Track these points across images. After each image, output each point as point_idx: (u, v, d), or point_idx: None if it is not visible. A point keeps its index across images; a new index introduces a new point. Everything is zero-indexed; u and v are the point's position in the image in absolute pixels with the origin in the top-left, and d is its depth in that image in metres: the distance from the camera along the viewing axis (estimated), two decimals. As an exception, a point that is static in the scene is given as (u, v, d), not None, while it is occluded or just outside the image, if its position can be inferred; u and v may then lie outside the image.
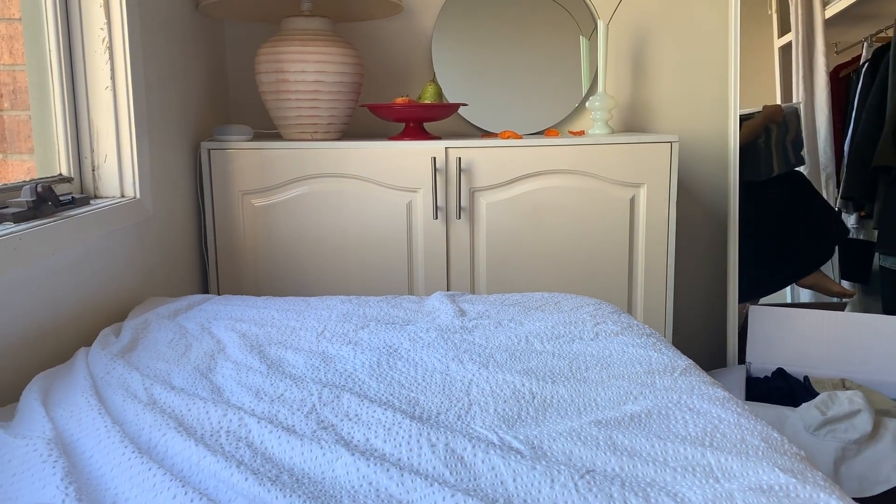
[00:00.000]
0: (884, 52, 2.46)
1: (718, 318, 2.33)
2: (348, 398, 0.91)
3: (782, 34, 2.53)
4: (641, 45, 2.26)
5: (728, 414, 0.87)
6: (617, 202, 1.89)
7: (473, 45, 2.22)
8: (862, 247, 2.55)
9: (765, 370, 2.06)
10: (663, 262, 1.92)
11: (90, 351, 1.09)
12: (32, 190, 1.19)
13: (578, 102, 2.24)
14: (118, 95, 1.46)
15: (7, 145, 1.49)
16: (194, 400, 0.90)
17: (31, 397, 0.89)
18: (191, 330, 1.22)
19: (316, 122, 1.89)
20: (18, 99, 1.48)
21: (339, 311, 1.34)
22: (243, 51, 2.21)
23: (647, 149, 1.88)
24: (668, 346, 1.14)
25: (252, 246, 1.86)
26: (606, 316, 1.28)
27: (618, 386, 0.96)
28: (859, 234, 2.59)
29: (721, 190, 2.31)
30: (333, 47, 1.85)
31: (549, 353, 1.09)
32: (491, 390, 0.95)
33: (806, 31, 2.53)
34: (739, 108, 2.21)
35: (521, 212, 1.88)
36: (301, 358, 1.09)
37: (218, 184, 1.83)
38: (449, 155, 1.85)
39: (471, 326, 1.24)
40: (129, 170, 1.49)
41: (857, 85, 2.55)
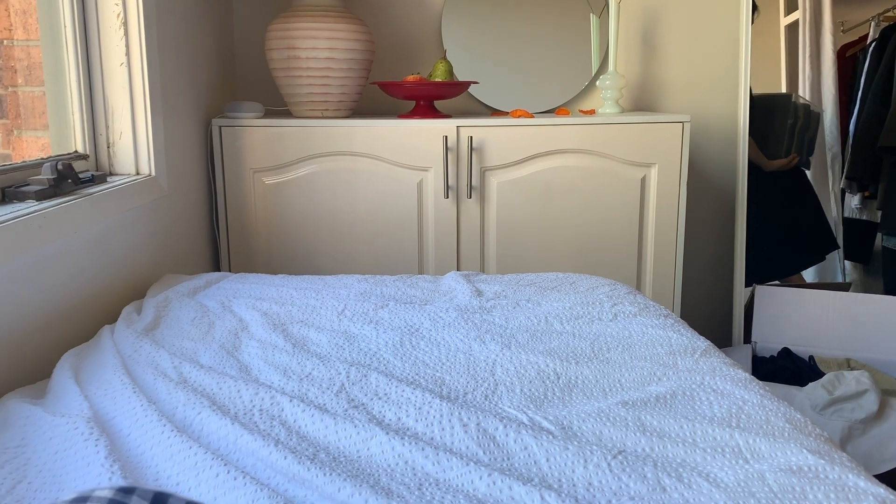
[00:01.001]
0: (891, 31, 2.46)
1: (725, 297, 2.35)
2: (376, 377, 0.93)
3: (789, 12, 2.52)
4: (652, 24, 2.25)
5: (751, 395, 0.89)
6: (628, 182, 1.90)
7: (483, 23, 2.20)
8: (864, 227, 2.57)
9: (770, 350, 2.08)
10: (672, 242, 1.93)
11: (115, 329, 1.09)
12: (53, 167, 1.18)
13: (588, 81, 2.23)
14: (133, 72, 1.45)
15: (22, 121, 1.48)
16: (224, 378, 0.91)
17: (63, 375, 0.90)
18: (212, 308, 1.23)
19: (327, 100, 1.89)
20: (33, 75, 1.47)
21: (356, 290, 1.35)
22: (252, 26, 2.19)
23: (658, 129, 1.88)
24: (686, 327, 1.15)
25: (263, 223, 1.87)
26: (623, 297, 1.29)
27: (641, 367, 0.98)
28: (862, 214, 2.60)
29: (730, 169, 2.31)
30: (345, 23, 1.84)
31: (569, 334, 1.11)
32: (515, 371, 0.97)
33: (813, 10, 2.52)
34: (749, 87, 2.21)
35: (531, 191, 1.89)
36: (325, 337, 1.10)
37: (229, 161, 1.83)
38: (460, 134, 1.85)
39: (489, 306, 1.25)
40: (144, 147, 1.48)
41: (864, 64, 2.55)
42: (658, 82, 2.28)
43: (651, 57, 2.27)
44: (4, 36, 1.46)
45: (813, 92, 2.51)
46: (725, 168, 2.32)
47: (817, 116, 2.47)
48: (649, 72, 2.27)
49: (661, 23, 2.25)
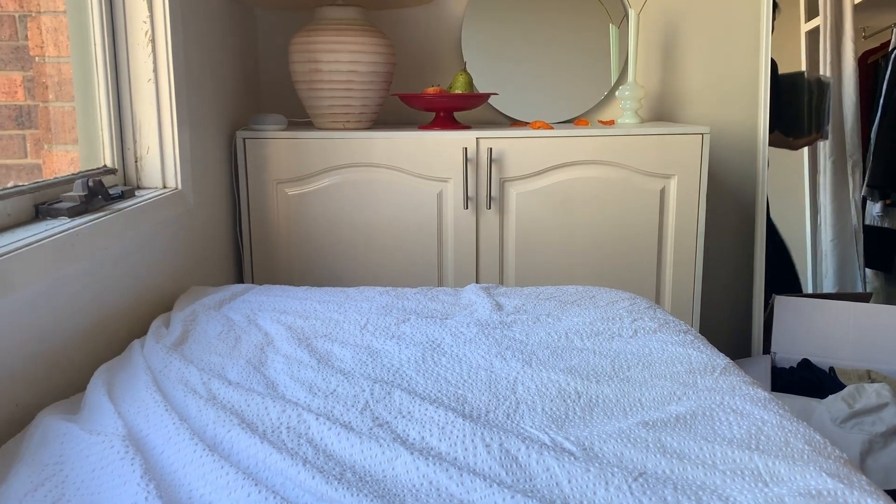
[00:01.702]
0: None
1: (744, 307, 2.35)
2: (399, 395, 0.94)
3: (809, 18, 2.51)
4: (671, 34, 2.26)
5: (770, 416, 0.90)
6: (647, 193, 1.91)
7: (503, 34, 2.22)
8: (886, 235, 2.55)
9: (790, 360, 2.08)
10: (692, 253, 1.93)
11: (145, 344, 1.12)
12: (84, 184, 1.22)
13: (607, 91, 2.24)
14: (160, 87, 1.49)
15: (52, 136, 1.52)
16: (252, 395, 0.93)
17: (97, 392, 0.92)
18: (238, 322, 1.25)
19: (348, 112, 1.91)
20: (63, 91, 1.50)
21: (378, 304, 1.37)
22: (275, 39, 2.22)
23: (678, 140, 1.89)
24: (705, 344, 1.16)
25: (285, 234, 1.89)
26: (643, 311, 1.30)
27: (661, 386, 0.99)
28: (884, 222, 2.59)
29: (749, 179, 2.31)
30: (367, 37, 1.86)
31: (589, 351, 1.12)
32: (537, 389, 0.98)
33: (834, 16, 2.51)
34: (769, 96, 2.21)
35: (550, 202, 1.90)
36: (348, 352, 1.12)
37: (253, 173, 1.86)
38: (480, 145, 1.87)
39: (509, 321, 1.26)
40: (171, 161, 1.51)
41: (886, 71, 2.53)
42: (677, 92, 2.28)
43: (670, 67, 2.27)
44: (36, 53, 1.50)
45: (834, 99, 2.50)
46: (745, 178, 2.32)
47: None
48: (668, 82, 2.28)
49: (680, 33, 2.25)
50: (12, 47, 1.49)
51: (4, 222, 1.10)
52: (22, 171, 1.54)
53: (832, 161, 2.52)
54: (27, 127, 1.52)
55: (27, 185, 1.18)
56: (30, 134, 1.53)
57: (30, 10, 1.48)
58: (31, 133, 1.53)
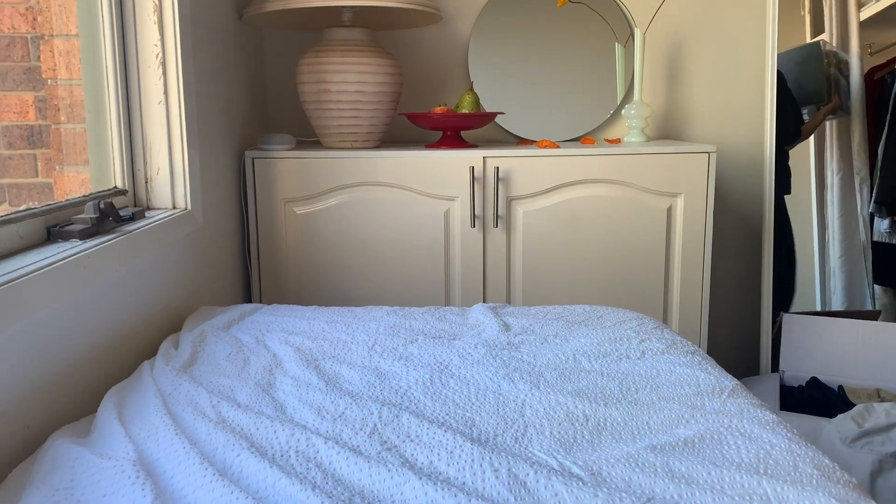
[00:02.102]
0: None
1: (752, 325, 2.34)
2: (408, 418, 0.95)
3: (815, 35, 2.52)
4: (677, 53, 2.27)
5: (779, 439, 0.90)
6: (654, 212, 1.91)
7: (509, 53, 2.24)
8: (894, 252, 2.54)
9: (799, 379, 2.07)
10: (699, 271, 1.93)
11: (154, 365, 1.13)
12: (95, 206, 1.23)
13: (614, 110, 2.25)
14: (170, 109, 1.50)
15: (63, 157, 1.54)
16: (261, 418, 0.93)
17: (108, 415, 0.93)
18: (246, 343, 1.26)
19: (356, 131, 1.93)
20: (75, 112, 1.52)
21: (386, 324, 1.37)
22: (283, 59, 2.24)
23: (684, 159, 1.89)
24: (713, 365, 1.16)
25: (294, 253, 1.90)
26: (650, 332, 1.30)
27: (668, 408, 0.99)
28: (892, 238, 2.58)
29: (756, 197, 2.32)
30: (374, 57, 1.88)
31: (597, 373, 1.12)
32: (545, 412, 0.98)
33: (840, 32, 2.51)
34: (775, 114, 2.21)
35: (557, 220, 1.91)
36: (356, 374, 1.12)
37: (261, 192, 1.87)
38: (487, 164, 1.88)
39: (517, 342, 1.27)
40: (181, 182, 1.53)
41: (893, 87, 2.53)
42: (683, 111, 2.29)
43: (676, 85, 2.28)
44: (49, 76, 1.52)
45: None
46: (751, 196, 2.33)
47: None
48: (674, 100, 2.29)
49: (685, 51, 2.27)
50: (24, 68, 1.52)
51: (17, 245, 1.11)
52: (33, 190, 1.56)
53: (839, 177, 2.52)
54: (38, 146, 1.54)
55: (39, 208, 1.20)
56: (41, 153, 1.55)
57: (43, 33, 1.51)
58: (41, 152, 1.55)
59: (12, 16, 1.50)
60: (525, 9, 2.22)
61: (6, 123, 1.52)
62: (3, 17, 1.50)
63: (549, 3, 2.18)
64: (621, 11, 2.21)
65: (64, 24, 1.49)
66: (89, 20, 1.46)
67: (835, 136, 2.51)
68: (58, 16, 1.50)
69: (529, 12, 2.22)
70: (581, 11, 2.20)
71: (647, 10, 2.20)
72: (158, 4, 1.46)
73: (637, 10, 2.21)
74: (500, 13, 2.22)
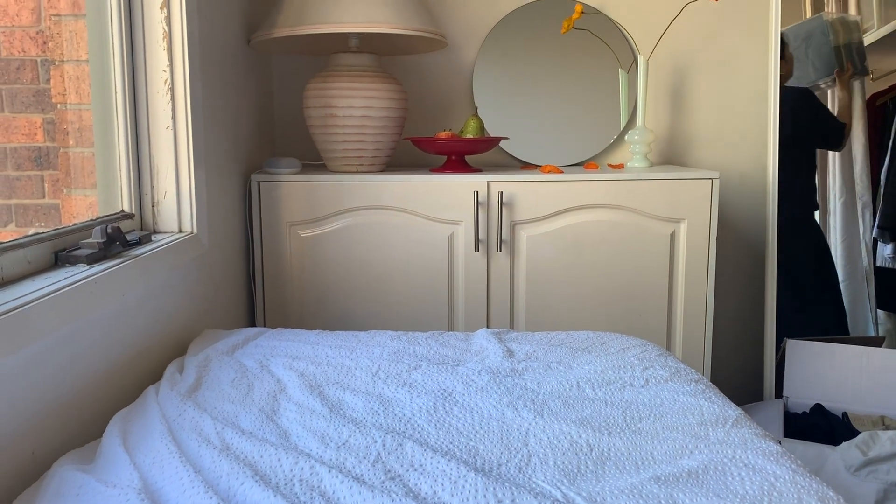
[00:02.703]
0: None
1: (756, 351, 2.34)
2: (411, 446, 0.95)
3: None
4: (680, 79, 2.29)
5: (783, 471, 0.90)
6: (657, 237, 1.92)
7: (514, 79, 2.26)
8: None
9: (802, 405, 2.06)
10: (703, 296, 1.94)
11: (159, 391, 1.13)
12: (103, 231, 1.24)
13: (617, 135, 2.27)
14: (178, 134, 1.52)
15: (71, 180, 1.55)
16: (265, 445, 0.94)
17: (112, 441, 0.93)
18: (250, 368, 1.26)
19: (361, 155, 1.94)
20: (83, 136, 1.54)
21: (389, 349, 1.38)
22: (290, 84, 2.26)
23: (687, 184, 1.90)
24: (717, 394, 1.16)
25: (298, 276, 1.91)
26: (654, 359, 1.30)
27: (672, 438, 0.99)
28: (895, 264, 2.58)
29: (759, 223, 2.32)
30: (380, 83, 1.90)
31: (601, 401, 1.12)
32: (549, 441, 0.98)
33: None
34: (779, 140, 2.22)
35: (561, 245, 1.91)
36: (360, 401, 1.12)
37: (267, 215, 1.89)
38: (491, 188, 1.89)
39: (520, 369, 1.27)
40: (187, 205, 1.54)
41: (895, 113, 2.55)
42: (687, 136, 2.31)
43: (679, 111, 2.30)
44: (59, 100, 1.54)
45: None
46: (755, 221, 2.33)
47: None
48: (678, 126, 2.30)
49: (689, 78, 2.29)
50: (33, 91, 1.54)
51: (25, 269, 1.12)
52: (39, 211, 1.58)
53: (842, 202, 2.52)
54: (45, 168, 1.56)
55: (47, 233, 1.21)
56: (48, 175, 1.57)
57: (54, 58, 1.53)
58: (49, 174, 1.57)
59: (23, 39, 1.53)
60: (529, 35, 2.24)
61: (14, 145, 1.54)
62: (13, 40, 1.53)
63: (553, 30, 2.21)
64: (625, 38, 2.24)
65: (74, 49, 1.51)
66: (100, 46, 1.48)
67: (837, 161, 2.52)
68: (69, 42, 1.52)
69: (534, 38, 2.24)
70: (585, 38, 2.22)
71: (650, 37, 2.22)
72: (168, 31, 1.48)
73: (640, 36, 2.23)
74: (505, 39, 2.24)
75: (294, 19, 1.80)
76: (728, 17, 2.26)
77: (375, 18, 1.79)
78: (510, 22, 2.24)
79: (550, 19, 2.21)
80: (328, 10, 1.79)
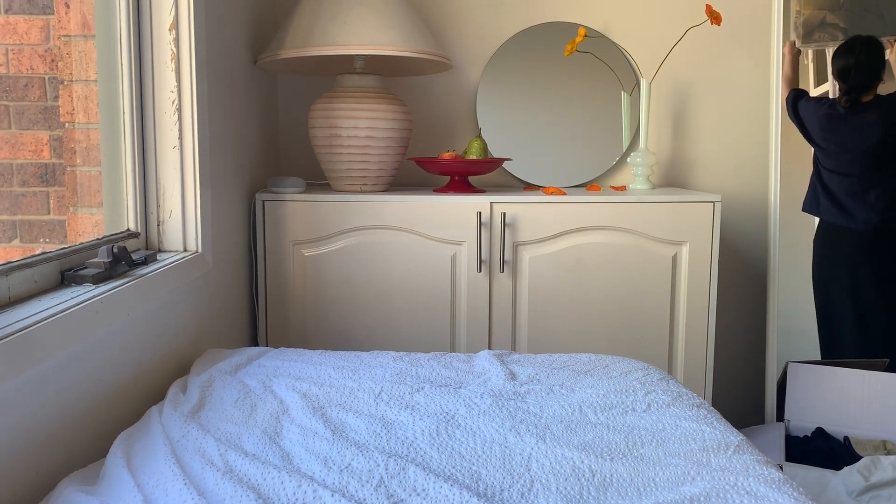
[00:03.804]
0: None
1: (757, 373, 2.34)
2: (414, 471, 0.95)
3: (818, 84, 2.55)
4: (682, 102, 2.30)
5: (785, 498, 0.90)
6: (659, 259, 1.92)
7: (517, 101, 2.28)
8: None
9: (804, 429, 2.06)
10: (704, 319, 1.94)
11: (163, 411, 1.14)
12: (109, 251, 1.25)
13: (619, 157, 2.28)
14: (185, 154, 1.53)
15: (78, 199, 1.57)
16: (268, 468, 0.94)
17: (116, 463, 0.94)
18: (253, 388, 1.27)
19: (365, 175, 1.95)
20: (90, 156, 1.55)
21: (392, 371, 1.38)
22: (295, 103, 2.28)
23: (689, 207, 1.91)
24: (719, 420, 1.16)
25: (301, 294, 1.92)
26: (656, 384, 1.31)
27: (674, 465, 0.99)
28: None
29: (760, 246, 2.33)
30: (385, 104, 1.91)
31: (603, 426, 1.12)
32: (551, 466, 0.99)
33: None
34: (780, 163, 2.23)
35: (563, 266, 1.92)
36: (363, 423, 1.13)
37: (271, 234, 1.90)
38: (494, 209, 1.90)
39: (523, 392, 1.27)
40: (193, 225, 1.55)
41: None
42: (688, 158, 2.32)
43: (681, 134, 2.31)
44: (67, 119, 1.55)
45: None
46: (756, 243, 2.34)
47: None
48: (680, 148, 2.32)
49: (691, 101, 2.30)
50: (41, 108, 1.55)
51: (31, 289, 1.13)
52: (44, 227, 1.58)
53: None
54: (51, 184, 1.57)
55: (53, 252, 1.22)
56: (53, 191, 1.58)
57: (63, 78, 1.54)
58: (54, 190, 1.58)
59: (31, 57, 1.54)
60: (533, 58, 2.26)
61: (21, 161, 1.55)
62: (22, 58, 1.54)
63: (556, 52, 2.23)
64: (627, 61, 2.26)
65: (83, 70, 1.53)
66: (108, 67, 1.50)
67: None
68: (78, 62, 1.54)
69: (537, 61, 2.26)
70: (588, 61, 2.24)
71: (653, 60, 2.24)
72: (176, 53, 1.50)
73: (643, 59, 2.25)
74: (509, 62, 2.26)
75: (301, 40, 1.82)
76: (730, 41, 2.29)
77: (381, 41, 1.81)
78: (514, 44, 2.26)
79: (554, 42, 2.24)
80: (335, 32, 1.81)
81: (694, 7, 2.24)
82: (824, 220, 2.26)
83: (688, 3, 2.25)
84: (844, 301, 2.24)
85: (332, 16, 1.82)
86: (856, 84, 2.16)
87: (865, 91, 2.17)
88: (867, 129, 2.16)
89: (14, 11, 1.52)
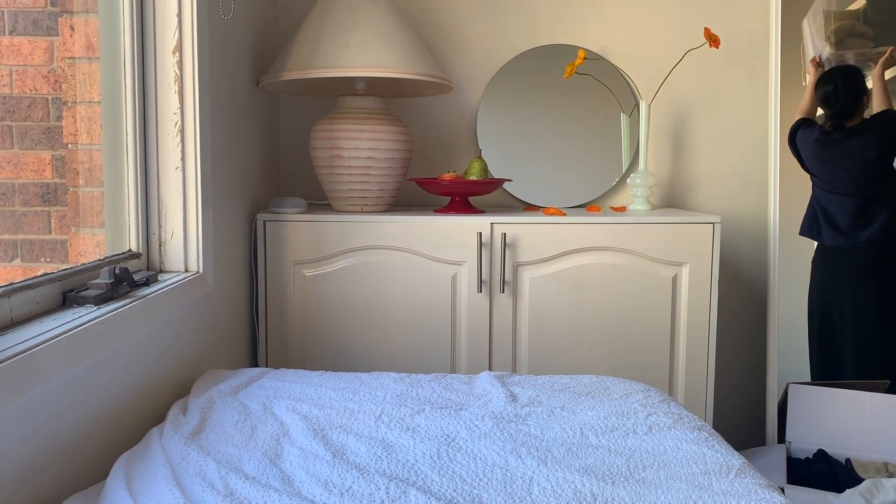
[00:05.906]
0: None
1: (758, 395, 2.33)
2: (415, 494, 0.95)
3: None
4: (681, 123, 2.32)
5: (787, 524, 0.89)
6: (659, 280, 1.93)
7: (517, 122, 2.29)
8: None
9: (805, 451, 2.05)
10: (705, 340, 1.94)
11: (163, 433, 1.13)
12: (111, 272, 1.25)
13: (619, 178, 2.29)
14: (187, 175, 1.54)
15: (80, 219, 1.57)
16: (269, 491, 0.93)
17: (117, 486, 0.93)
18: (254, 410, 1.26)
19: (366, 196, 1.96)
20: (93, 176, 1.56)
21: (393, 392, 1.38)
22: (296, 124, 2.30)
23: (689, 228, 1.92)
24: (720, 442, 1.16)
25: (301, 314, 1.92)
26: (657, 406, 1.30)
27: (676, 488, 0.99)
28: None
29: (760, 267, 2.34)
30: (386, 125, 1.93)
31: (604, 449, 1.12)
32: (552, 490, 0.98)
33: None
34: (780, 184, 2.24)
35: (563, 287, 1.92)
36: (363, 445, 1.12)
37: (271, 254, 1.90)
38: (494, 230, 1.91)
39: (524, 414, 1.27)
40: (194, 245, 1.55)
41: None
42: (688, 179, 2.33)
43: (681, 155, 2.33)
44: (70, 140, 1.56)
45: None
46: (756, 264, 2.35)
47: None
48: (679, 169, 2.33)
49: (690, 122, 2.32)
50: (43, 128, 1.56)
51: (33, 310, 1.13)
52: (45, 247, 1.59)
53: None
54: (53, 204, 1.58)
55: (55, 273, 1.22)
56: (54, 211, 1.58)
57: (67, 99, 1.55)
58: (55, 210, 1.58)
59: (35, 77, 1.56)
60: (533, 79, 2.28)
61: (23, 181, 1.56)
62: (25, 78, 1.56)
63: (556, 74, 2.24)
64: (627, 83, 2.27)
65: (87, 91, 1.54)
66: (112, 88, 1.51)
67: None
68: (82, 83, 1.55)
69: (537, 83, 2.28)
70: (588, 83, 2.26)
71: (652, 82, 2.26)
72: (180, 75, 1.51)
73: (642, 81, 2.27)
74: (509, 83, 2.28)
75: (303, 62, 1.84)
76: (729, 63, 2.31)
77: (382, 63, 1.82)
78: (514, 66, 2.28)
79: (554, 64, 2.25)
80: (336, 54, 1.82)
81: (692, 30, 2.26)
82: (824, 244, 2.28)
83: (686, 26, 2.27)
84: (845, 320, 2.25)
85: (333, 38, 1.84)
86: (837, 110, 2.22)
87: (850, 117, 2.22)
88: (861, 151, 2.19)
89: (18, 33, 1.54)
